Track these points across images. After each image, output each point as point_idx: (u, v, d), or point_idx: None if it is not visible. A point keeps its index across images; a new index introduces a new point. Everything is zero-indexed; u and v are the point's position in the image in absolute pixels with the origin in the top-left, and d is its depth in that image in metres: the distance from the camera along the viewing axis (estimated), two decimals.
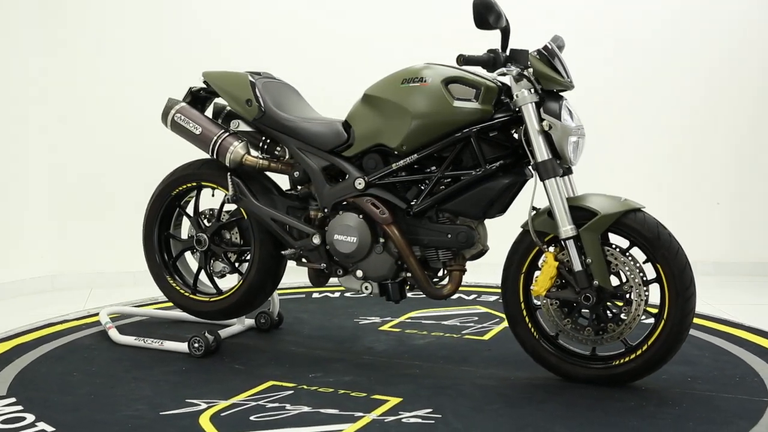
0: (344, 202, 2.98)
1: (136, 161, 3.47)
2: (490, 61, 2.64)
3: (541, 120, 2.66)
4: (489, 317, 3.72)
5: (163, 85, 3.35)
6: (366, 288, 3.01)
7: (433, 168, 2.88)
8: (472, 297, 4.16)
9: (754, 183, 4.84)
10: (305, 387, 2.75)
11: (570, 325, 2.73)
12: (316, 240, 3.01)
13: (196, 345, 3.12)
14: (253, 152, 3.17)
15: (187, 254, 3.47)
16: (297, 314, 3.77)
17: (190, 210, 3.38)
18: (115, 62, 4.61)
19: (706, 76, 4.81)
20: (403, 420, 2.43)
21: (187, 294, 3.35)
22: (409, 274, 2.94)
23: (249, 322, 3.53)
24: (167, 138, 3.27)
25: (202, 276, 3.39)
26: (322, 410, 2.52)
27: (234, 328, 3.44)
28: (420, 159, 2.84)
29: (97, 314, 3.75)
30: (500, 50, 2.68)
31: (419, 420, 2.43)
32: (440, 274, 3.00)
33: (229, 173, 3.12)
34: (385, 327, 3.58)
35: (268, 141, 3.18)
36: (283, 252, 3.08)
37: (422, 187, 2.88)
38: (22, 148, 4.49)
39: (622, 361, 2.70)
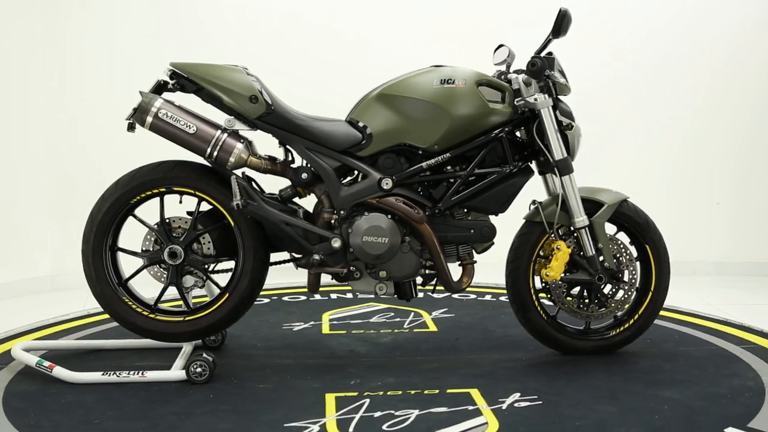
0: (359, 203, 2.92)
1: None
2: (542, 66, 2.84)
3: (560, 122, 2.95)
4: (402, 312, 3.85)
5: None
6: (380, 289, 2.98)
7: (449, 167, 2.98)
8: (349, 295, 4.21)
9: (754, 183, 4.88)
10: (371, 394, 2.66)
11: (575, 304, 3.07)
12: (337, 243, 2.88)
13: (199, 370, 2.78)
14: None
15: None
16: None
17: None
18: (115, 62, 4.57)
19: (707, 78, 4.84)
20: (515, 405, 2.55)
21: (151, 316, 2.93)
22: (430, 272, 2.99)
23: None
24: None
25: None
26: (433, 410, 2.50)
27: (186, 349, 3.09)
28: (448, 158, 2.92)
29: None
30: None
31: (528, 403, 2.57)
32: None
33: (233, 176, 2.81)
34: (326, 331, 3.51)
35: None
36: (304, 258, 2.88)
37: (446, 185, 2.96)
38: (22, 148, 4.42)
39: (617, 331, 3.13)
